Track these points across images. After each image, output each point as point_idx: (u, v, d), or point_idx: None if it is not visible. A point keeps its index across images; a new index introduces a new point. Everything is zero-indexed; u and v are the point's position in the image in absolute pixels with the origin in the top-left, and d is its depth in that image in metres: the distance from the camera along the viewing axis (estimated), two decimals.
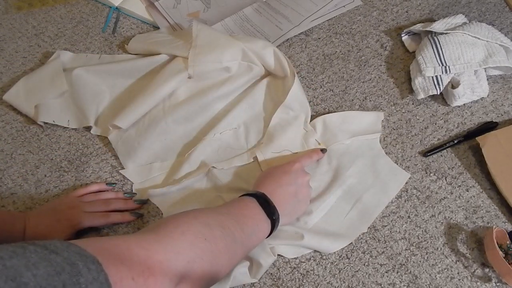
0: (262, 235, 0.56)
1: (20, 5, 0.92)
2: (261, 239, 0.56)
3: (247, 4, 0.88)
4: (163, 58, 0.78)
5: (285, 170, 0.62)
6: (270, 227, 0.56)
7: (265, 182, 0.60)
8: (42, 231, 0.60)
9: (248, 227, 0.53)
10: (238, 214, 0.53)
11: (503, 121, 0.74)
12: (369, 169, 0.69)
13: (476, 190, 0.68)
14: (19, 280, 0.30)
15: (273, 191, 0.58)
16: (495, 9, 0.87)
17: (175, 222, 0.47)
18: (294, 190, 0.60)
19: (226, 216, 0.52)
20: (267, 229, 0.56)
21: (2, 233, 0.58)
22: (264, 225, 0.55)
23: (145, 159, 0.71)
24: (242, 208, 0.55)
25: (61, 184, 0.70)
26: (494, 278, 0.60)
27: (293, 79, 0.72)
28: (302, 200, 0.62)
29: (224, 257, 0.48)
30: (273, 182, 0.60)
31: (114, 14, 0.90)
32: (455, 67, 0.72)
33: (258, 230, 0.55)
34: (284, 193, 0.59)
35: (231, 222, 0.51)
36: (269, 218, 0.56)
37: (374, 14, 0.87)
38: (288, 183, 0.60)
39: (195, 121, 0.73)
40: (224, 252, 0.48)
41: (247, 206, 0.56)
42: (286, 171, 0.61)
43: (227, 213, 0.53)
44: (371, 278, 0.61)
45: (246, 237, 0.52)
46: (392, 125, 0.74)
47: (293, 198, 0.60)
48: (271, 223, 0.56)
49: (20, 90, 0.76)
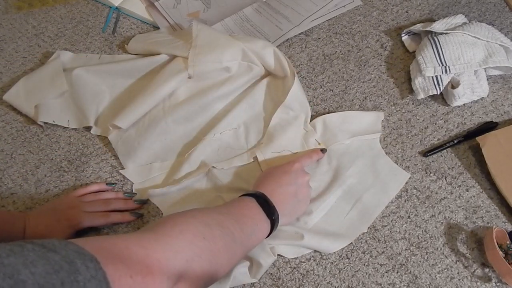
0: (261, 235, 0.56)
1: (20, 5, 0.92)
2: (261, 239, 0.56)
3: (247, 4, 0.88)
4: (163, 58, 0.78)
5: (285, 170, 0.62)
6: (270, 227, 0.56)
7: (265, 182, 0.60)
8: (42, 231, 0.60)
9: (247, 227, 0.53)
10: (237, 214, 0.53)
11: (503, 121, 0.74)
12: (369, 169, 0.69)
13: (476, 190, 0.68)
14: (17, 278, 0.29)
15: (272, 191, 0.58)
16: (495, 9, 0.87)
17: (173, 221, 0.47)
18: (294, 190, 0.60)
19: (225, 216, 0.52)
20: (267, 229, 0.56)
21: (2, 233, 0.58)
22: (264, 225, 0.55)
23: (145, 159, 0.71)
24: (241, 208, 0.55)
25: (61, 184, 0.70)
26: (494, 278, 0.60)
27: (293, 79, 0.72)
28: (302, 200, 0.61)
29: (223, 256, 0.48)
30: (273, 182, 0.60)
31: (114, 14, 0.90)
32: (455, 67, 0.72)
33: (258, 230, 0.55)
34: (284, 193, 0.59)
35: (230, 222, 0.51)
36: (268, 218, 0.56)
37: (374, 14, 0.87)
38: (288, 183, 0.60)
39: (195, 121, 0.73)
40: (223, 251, 0.48)
41: (247, 206, 0.56)
42: (286, 171, 0.61)
43: (227, 213, 0.53)
44: (371, 278, 0.61)
45: (245, 237, 0.52)
46: (392, 125, 0.74)
47: (293, 198, 0.60)
48: (271, 223, 0.56)
49: (20, 90, 0.77)
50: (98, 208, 0.64)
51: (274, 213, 0.56)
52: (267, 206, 0.56)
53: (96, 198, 0.66)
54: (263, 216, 0.55)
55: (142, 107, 0.72)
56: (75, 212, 0.62)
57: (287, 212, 0.60)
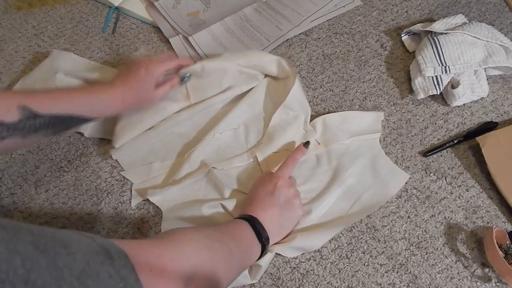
0: (254, 256, 0.57)
1: (20, 5, 0.92)
2: (253, 259, 0.57)
3: (247, 4, 0.88)
4: None
5: (267, 190, 0.61)
6: (261, 250, 0.57)
7: (251, 207, 0.60)
8: (132, 101, 0.65)
9: (242, 245, 0.54)
10: (234, 233, 0.54)
11: (503, 121, 0.74)
12: (369, 169, 0.69)
13: (476, 190, 0.68)
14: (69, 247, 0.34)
15: (259, 216, 0.58)
16: (495, 9, 0.87)
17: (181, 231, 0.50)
18: (279, 211, 0.60)
19: (224, 234, 0.53)
20: (258, 251, 0.57)
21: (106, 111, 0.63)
22: (255, 247, 0.56)
23: (145, 159, 0.71)
24: (237, 228, 0.56)
25: (61, 184, 0.70)
26: (494, 278, 0.60)
27: (294, 80, 0.72)
28: (290, 215, 0.62)
29: (222, 268, 0.49)
30: (257, 206, 0.60)
31: (114, 14, 0.90)
32: (455, 67, 0.72)
33: (251, 250, 0.56)
34: (269, 216, 0.59)
35: (228, 239, 0.52)
36: (259, 240, 0.56)
37: (374, 14, 0.87)
38: (272, 205, 0.60)
39: (195, 121, 0.73)
40: (222, 264, 0.49)
41: (241, 228, 0.56)
42: (268, 192, 0.61)
43: (225, 231, 0.54)
44: (371, 278, 0.61)
45: (241, 254, 0.53)
46: (392, 125, 0.74)
47: (279, 218, 0.60)
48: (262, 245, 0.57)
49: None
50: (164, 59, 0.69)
51: (264, 236, 0.57)
52: (257, 230, 0.57)
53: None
54: (254, 238, 0.56)
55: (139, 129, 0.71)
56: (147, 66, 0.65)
57: (277, 232, 0.60)
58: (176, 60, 0.71)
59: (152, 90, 0.66)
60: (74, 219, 0.66)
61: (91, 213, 0.67)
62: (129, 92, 0.64)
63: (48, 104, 0.56)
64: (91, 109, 0.61)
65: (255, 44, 0.83)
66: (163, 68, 0.67)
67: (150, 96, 0.67)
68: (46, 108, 0.55)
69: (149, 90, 0.66)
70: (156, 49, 0.84)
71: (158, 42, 0.86)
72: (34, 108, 0.54)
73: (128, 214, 0.67)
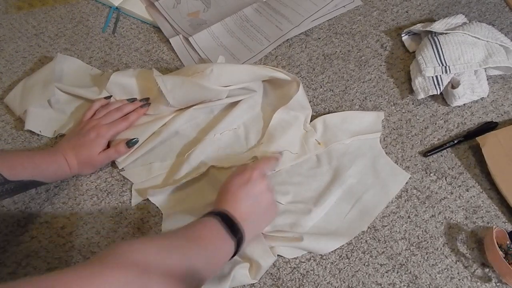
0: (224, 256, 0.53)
1: (20, 5, 0.92)
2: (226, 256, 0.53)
3: (247, 4, 0.88)
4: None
5: (240, 183, 0.58)
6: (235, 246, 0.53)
7: (224, 199, 0.57)
8: (84, 161, 0.66)
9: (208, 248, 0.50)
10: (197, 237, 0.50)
11: (503, 121, 0.74)
12: (369, 169, 0.69)
13: (476, 190, 0.68)
14: None
15: (233, 208, 0.55)
16: (495, 9, 0.87)
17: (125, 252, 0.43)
18: (252, 203, 0.57)
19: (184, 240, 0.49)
20: (230, 248, 0.53)
21: (52, 175, 0.64)
22: (226, 245, 0.52)
23: (145, 159, 0.71)
24: (201, 229, 0.52)
25: (61, 184, 0.70)
26: (494, 278, 0.60)
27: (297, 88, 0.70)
28: (265, 208, 0.59)
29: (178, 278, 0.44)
30: (231, 198, 0.56)
31: (114, 14, 0.90)
32: (455, 67, 0.72)
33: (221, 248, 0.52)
34: (243, 207, 0.56)
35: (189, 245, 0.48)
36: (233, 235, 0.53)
37: (374, 14, 0.87)
38: (246, 197, 0.57)
39: (195, 122, 0.73)
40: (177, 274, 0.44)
41: (207, 226, 0.52)
42: (241, 184, 0.58)
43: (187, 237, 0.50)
44: (371, 278, 0.61)
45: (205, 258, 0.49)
46: (392, 125, 0.74)
47: (254, 210, 0.57)
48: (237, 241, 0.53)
49: (17, 93, 0.76)
50: (116, 116, 0.69)
51: (238, 231, 0.53)
52: (230, 224, 0.53)
53: (107, 110, 0.70)
54: (225, 234, 0.52)
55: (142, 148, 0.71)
56: (98, 130, 0.66)
57: (252, 226, 0.57)
58: (129, 121, 0.70)
59: (96, 155, 0.66)
60: (74, 219, 0.67)
61: (91, 213, 0.67)
62: (74, 158, 0.65)
63: (19, 169, 0.57)
64: (48, 174, 0.63)
65: (255, 44, 0.83)
66: (115, 131, 0.68)
67: (93, 162, 0.67)
68: (16, 174, 0.56)
69: (93, 156, 0.66)
70: (156, 49, 0.85)
71: (158, 42, 0.86)
72: (5, 175, 0.54)
73: (128, 214, 0.67)
